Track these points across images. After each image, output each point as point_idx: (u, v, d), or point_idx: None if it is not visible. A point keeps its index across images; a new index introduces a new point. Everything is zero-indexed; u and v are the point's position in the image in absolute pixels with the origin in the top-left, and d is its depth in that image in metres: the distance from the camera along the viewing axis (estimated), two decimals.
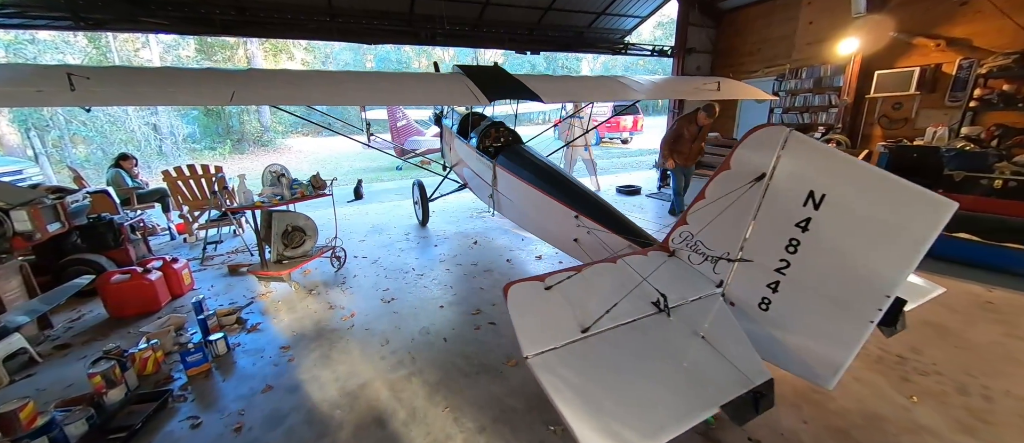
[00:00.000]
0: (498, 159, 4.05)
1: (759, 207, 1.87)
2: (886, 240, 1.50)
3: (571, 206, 3.13)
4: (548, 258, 4.31)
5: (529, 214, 3.65)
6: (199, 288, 3.87)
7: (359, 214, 6.50)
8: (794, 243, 1.76)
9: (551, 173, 3.51)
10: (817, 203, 1.67)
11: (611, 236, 2.85)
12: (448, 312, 3.23)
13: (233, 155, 15.49)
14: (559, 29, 9.03)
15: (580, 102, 5.30)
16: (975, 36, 5.43)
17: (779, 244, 1.81)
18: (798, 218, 1.72)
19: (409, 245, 4.90)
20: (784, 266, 1.83)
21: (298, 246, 3.88)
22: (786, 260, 1.81)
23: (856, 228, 1.57)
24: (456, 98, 3.76)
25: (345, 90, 3.45)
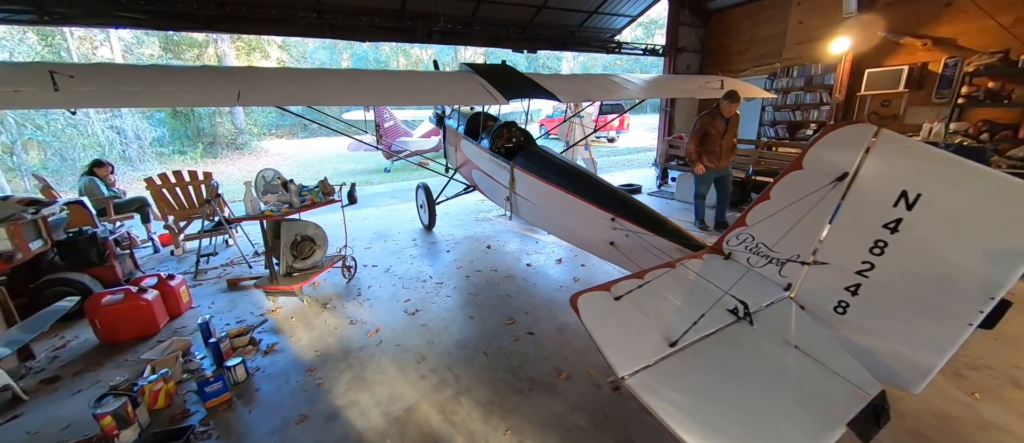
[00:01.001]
0: (515, 160, 3.90)
1: (838, 208, 1.81)
2: (992, 240, 1.45)
3: (606, 208, 3.02)
4: (568, 261, 4.19)
5: (556, 217, 3.52)
6: (199, 306, 3.54)
7: (358, 219, 6.21)
8: (880, 245, 1.70)
9: (579, 174, 3.39)
10: (910, 203, 1.60)
11: (655, 239, 2.75)
12: (480, 323, 3.06)
13: (205, 159, 14.65)
14: (551, 28, 8.96)
15: (593, 101, 5.14)
16: (960, 36, 5.67)
17: (862, 246, 1.74)
18: (887, 219, 1.65)
19: (419, 251, 4.68)
20: (867, 269, 1.76)
21: (308, 257, 3.61)
22: (870, 263, 1.74)
23: (956, 228, 1.52)
24: (472, 98, 3.60)
25: (358, 89, 3.24)
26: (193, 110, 15.55)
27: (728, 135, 4.74)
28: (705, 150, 4.83)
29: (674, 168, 7.01)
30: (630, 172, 9.75)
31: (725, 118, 4.68)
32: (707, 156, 4.84)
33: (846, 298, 1.86)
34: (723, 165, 4.88)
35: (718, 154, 4.79)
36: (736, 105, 4.56)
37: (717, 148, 4.76)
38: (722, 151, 4.78)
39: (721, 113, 4.66)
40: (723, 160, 4.85)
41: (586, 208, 3.15)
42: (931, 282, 1.60)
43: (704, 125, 4.76)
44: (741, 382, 1.54)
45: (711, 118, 4.73)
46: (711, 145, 4.78)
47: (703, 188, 5.15)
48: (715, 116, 4.71)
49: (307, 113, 3.72)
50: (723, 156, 4.83)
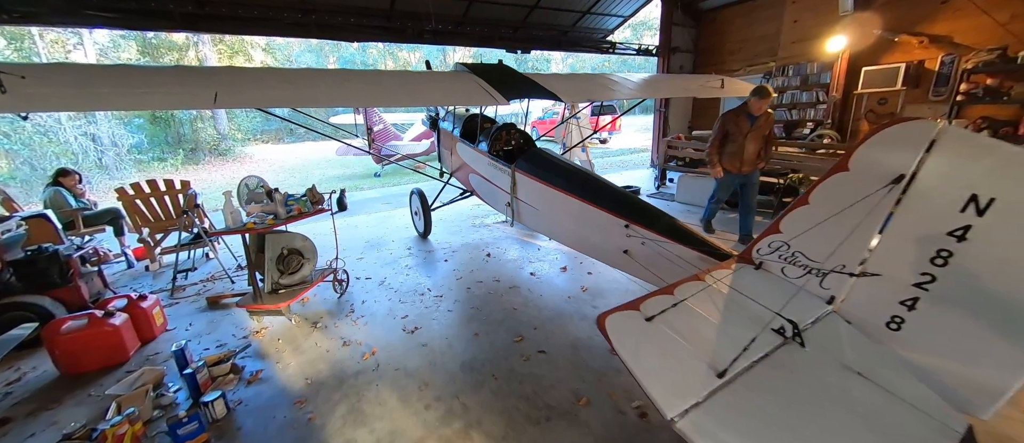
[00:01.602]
0: (517, 164, 3.68)
1: (892, 214, 1.62)
2: None
3: (619, 214, 2.82)
4: (573, 269, 3.98)
5: (563, 224, 3.30)
6: (175, 328, 3.22)
7: (348, 227, 5.90)
8: (944, 255, 1.51)
9: (587, 178, 3.18)
10: (981, 208, 1.42)
11: (675, 247, 2.55)
12: (486, 341, 2.81)
13: (186, 166, 14.10)
14: (544, 28, 8.80)
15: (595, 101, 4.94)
16: (956, 33, 5.64)
17: (921, 256, 1.55)
18: (952, 226, 1.47)
19: (415, 261, 4.41)
20: (927, 281, 1.57)
21: (296, 271, 3.32)
22: (930, 274, 1.55)
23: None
24: (470, 98, 3.39)
25: (348, 90, 3.00)
26: (173, 115, 14.99)
27: (753, 137, 4.09)
28: (725, 152, 4.28)
29: (674, 169, 6.86)
30: (626, 173, 9.61)
31: (752, 117, 4.06)
32: (727, 159, 4.27)
33: (900, 313, 1.66)
34: (746, 170, 4.25)
35: (739, 157, 4.17)
36: (766, 102, 3.95)
37: (739, 150, 4.16)
38: (747, 155, 4.14)
39: (748, 110, 4.06)
40: (748, 165, 4.22)
41: (597, 214, 2.94)
42: (1006, 295, 1.42)
43: (726, 124, 4.18)
44: (805, 420, 1.34)
45: (735, 116, 4.13)
46: (733, 146, 4.19)
47: (722, 193, 4.58)
48: (740, 114, 4.10)
49: (294, 117, 3.46)
50: (748, 161, 4.18)
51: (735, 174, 4.32)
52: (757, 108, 4.00)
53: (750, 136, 4.10)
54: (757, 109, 4.01)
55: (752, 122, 4.08)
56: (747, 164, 4.23)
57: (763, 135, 4.15)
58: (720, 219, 5.46)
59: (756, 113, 4.03)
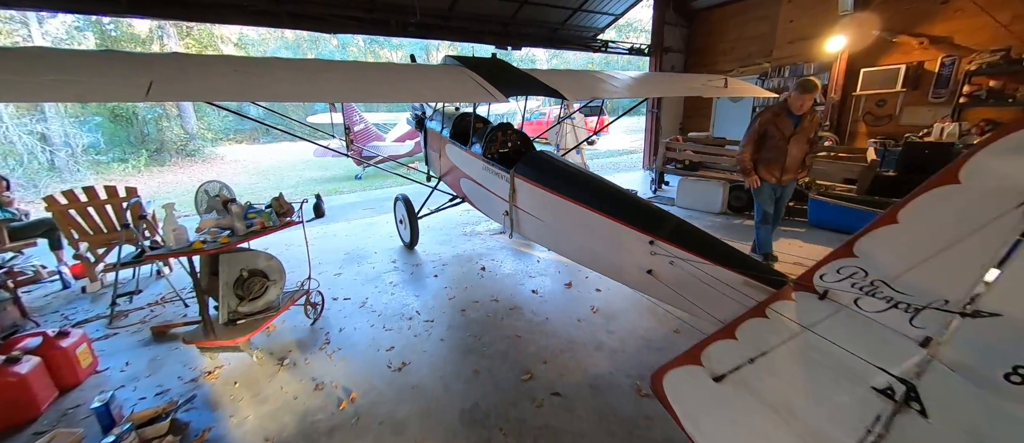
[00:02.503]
0: (516, 169, 3.23)
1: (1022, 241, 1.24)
2: None
3: (642, 228, 2.40)
4: (579, 284, 3.56)
5: (573, 238, 2.87)
6: (108, 369, 2.63)
7: (325, 237, 5.33)
8: None
9: (601, 186, 2.76)
10: None
11: (712, 268, 2.15)
12: (488, 380, 2.35)
13: (150, 168, 13.06)
14: (534, 24, 8.39)
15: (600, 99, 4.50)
16: (956, 34, 5.50)
17: None
18: None
19: (401, 277, 3.91)
20: None
21: (259, 296, 2.78)
22: None
23: None
24: (465, 94, 2.93)
25: (324, 83, 2.51)
26: (135, 112, 13.91)
27: (797, 140, 3.40)
28: (762, 158, 3.53)
29: (672, 172, 6.54)
30: (617, 176, 9.29)
31: (795, 116, 3.38)
32: (765, 166, 3.52)
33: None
34: (786, 180, 3.54)
35: (780, 164, 3.47)
36: (811, 97, 3.30)
37: (780, 156, 3.45)
38: (787, 161, 3.44)
39: (789, 109, 3.38)
40: (790, 173, 3.51)
41: (615, 228, 2.52)
42: None
43: (763, 124, 3.46)
44: None
45: (774, 115, 3.43)
46: (773, 151, 3.46)
47: (763, 203, 3.69)
48: (780, 113, 3.41)
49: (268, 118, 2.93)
50: (790, 168, 3.49)
51: (773, 184, 3.59)
52: (800, 105, 3.31)
53: (794, 139, 3.39)
54: (800, 106, 3.32)
55: (796, 122, 3.38)
56: (789, 172, 3.50)
57: (808, 138, 3.45)
58: (724, 225, 5.15)
59: (799, 111, 3.34)
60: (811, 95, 3.30)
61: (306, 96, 2.45)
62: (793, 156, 3.46)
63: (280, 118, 8.00)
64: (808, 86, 3.28)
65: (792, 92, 3.38)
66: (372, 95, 2.65)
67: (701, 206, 5.71)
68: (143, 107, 13.70)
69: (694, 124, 9.48)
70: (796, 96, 3.34)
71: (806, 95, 3.29)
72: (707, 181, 5.68)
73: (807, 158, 3.57)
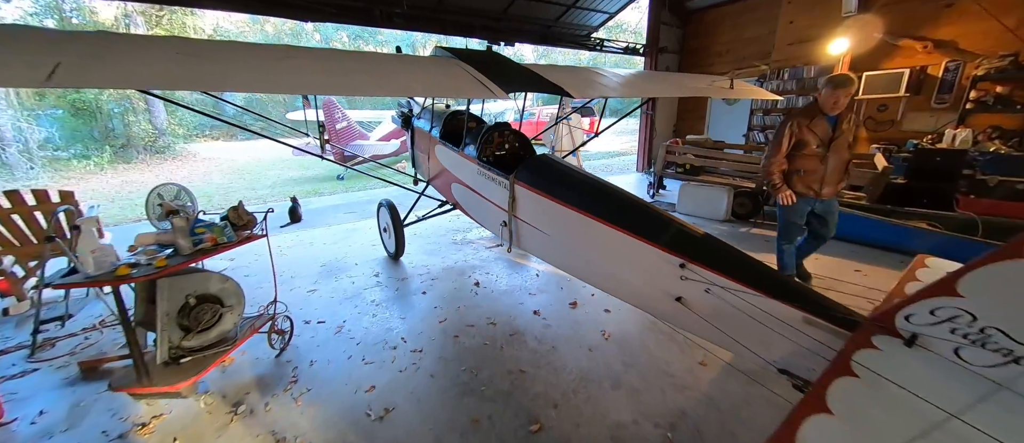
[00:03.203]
0: (517, 175, 2.81)
1: None
2: None
3: (673, 249, 2.02)
4: (585, 303, 3.17)
5: (586, 256, 2.47)
6: (17, 420, 2.09)
7: (301, 244, 4.81)
8: None
9: (620, 197, 2.36)
10: None
11: (763, 301, 1.78)
12: (490, 432, 1.93)
13: (115, 165, 12.12)
14: (526, 20, 7.98)
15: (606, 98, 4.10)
16: (961, 38, 5.33)
17: None
18: None
19: (385, 294, 3.44)
20: None
21: (210, 326, 2.29)
22: None
23: None
24: (459, 89, 2.51)
25: (287, 72, 2.06)
26: (99, 106, 12.92)
27: (837, 146, 2.84)
28: (798, 169, 2.95)
29: (672, 176, 6.23)
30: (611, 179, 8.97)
31: (830, 117, 2.83)
32: (798, 179, 2.96)
33: None
34: (827, 194, 2.97)
35: (818, 175, 2.90)
36: (846, 94, 2.74)
37: (816, 165, 2.88)
38: (826, 172, 2.88)
39: (822, 110, 2.83)
40: (828, 185, 2.94)
41: (638, 247, 2.13)
42: None
43: (794, 129, 2.90)
44: None
45: (806, 118, 2.86)
46: (809, 161, 2.90)
47: (793, 221, 3.10)
48: (813, 115, 2.85)
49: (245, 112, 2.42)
50: (829, 179, 2.92)
51: (809, 199, 3.01)
52: (833, 103, 2.75)
53: (834, 146, 2.83)
54: (833, 105, 2.75)
55: (833, 125, 2.83)
56: (829, 184, 2.92)
57: (848, 143, 2.90)
58: (730, 234, 4.84)
59: (833, 110, 2.79)
60: (845, 91, 2.72)
61: (267, 86, 1.97)
62: (833, 165, 2.88)
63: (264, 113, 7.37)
64: (841, 81, 2.73)
65: (822, 89, 2.82)
66: (349, 87, 2.19)
67: (704, 213, 5.41)
68: (108, 99, 12.75)
69: (688, 126, 9.23)
70: (828, 93, 2.76)
71: (839, 91, 2.72)
72: (710, 187, 5.38)
73: (849, 166, 3.01)
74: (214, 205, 7.58)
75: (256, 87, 1.91)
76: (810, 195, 2.97)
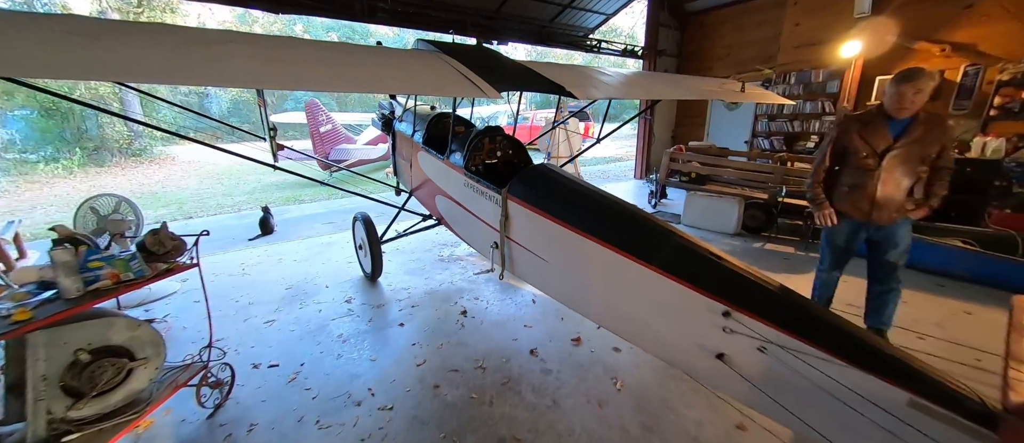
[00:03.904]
0: (510, 188, 2.32)
1: None
2: None
3: (713, 291, 1.54)
4: (589, 338, 2.67)
5: (598, 293, 1.97)
6: None
7: (268, 260, 4.24)
8: None
9: (641, 221, 1.87)
10: None
11: (841, 370, 1.31)
12: None
13: (87, 169, 11.37)
14: (520, 19, 7.53)
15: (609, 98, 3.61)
16: (981, 41, 4.97)
17: None
18: None
19: (355, 326, 2.90)
20: None
21: (113, 387, 1.75)
22: None
23: None
24: (443, 86, 2.04)
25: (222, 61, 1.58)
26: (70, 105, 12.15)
27: (900, 158, 2.18)
28: (841, 184, 2.40)
29: (676, 185, 5.78)
30: (607, 186, 8.53)
31: (895, 122, 2.19)
32: (842, 196, 2.39)
33: None
34: (879, 218, 2.30)
35: (866, 193, 2.28)
36: (914, 90, 2.08)
37: (866, 181, 2.27)
38: (878, 189, 2.24)
39: (886, 112, 2.22)
40: (881, 208, 2.27)
41: (666, 286, 1.65)
42: None
43: (841, 136, 2.36)
44: None
45: (860, 122, 2.29)
46: (855, 174, 2.31)
47: (836, 244, 2.54)
48: (871, 119, 2.26)
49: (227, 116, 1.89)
50: (882, 200, 2.25)
51: (860, 222, 2.38)
52: (898, 103, 2.12)
53: (892, 157, 2.18)
54: (899, 105, 2.12)
55: (897, 132, 2.18)
56: (883, 207, 2.26)
57: (922, 156, 2.18)
58: (743, 250, 4.39)
59: (901, 114, 2.14)
60: (913, 87, 2.06)
61: (183, 76, 1.47)
62: (891, 182, 2.21)
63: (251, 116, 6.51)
64: (906, 75, 2.09)
65: (890, 85, 2.17)
66: (296, 79, 1.68)
67: (712, 226, 4.96)
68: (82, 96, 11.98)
69: (686, 131, 8.83)
70: (891, 91, 2.13)
71: (905, 86, 2.07)
72: (719, 198, 4.93)
73: (925, 188, 2.26)
74: (185, 212, 6.96)
75: (167, 76, 1.42)
76: (857, 217, 2.37)
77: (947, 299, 3.22)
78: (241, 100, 20.18)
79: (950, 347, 2.37)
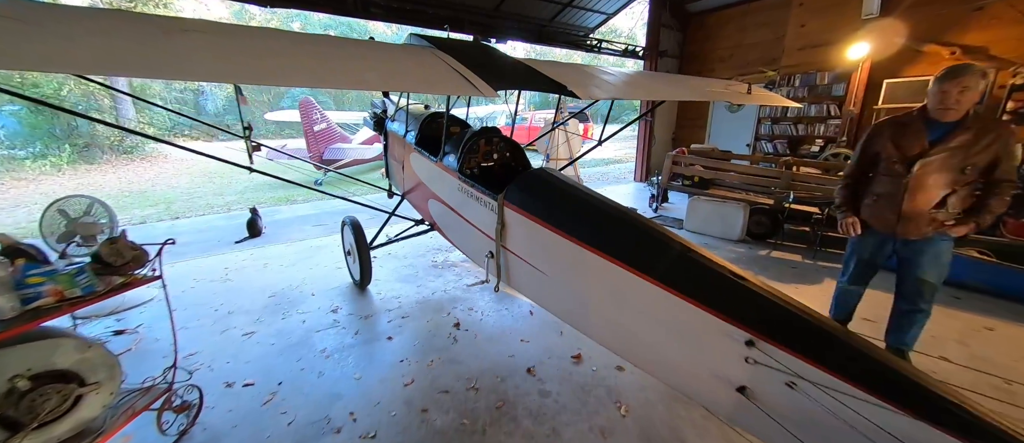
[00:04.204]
0: (507, 194, 2.13)
1: None
2: None
3: (735, 317, 1.36)
4: (590, 355, 2.48)
5: (603, 313, 1.78)
6: None
7: (252, 267, 4.03)
8: None
9: (656, 236, 1.67)
10: None
11: (888, 413, 1.13)
12: None
13: (76, 166, 11.10)
14: (519, 17, 7.35)
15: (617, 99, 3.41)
16: (993, 44, 4.82)
17: None
18: None
19: (340, 340, 2.70)
20: None
21: (62, 414, 1.55)
22: None
23: None
24: (434, 84, 1.84)
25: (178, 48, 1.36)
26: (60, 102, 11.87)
27: (935, 166, 1.95)
28: (871, 192, 2.18)
29: (678, 189, 5.60)
30: (606, 188, 8.35)
31: (937, 126, 1.97)
32: (868, 205, 2.20)
33: None
34: (908, 231, 2.07)
35: (895, 203, 2.06)
36: (957, 88, 1.85)
37: (897, 190, 2.05)
38: (909, 198, 2.02)
39: (929, 114, 1.99)
40: (910, 220, 2.05)
41: (681, 307, 1.47)
42: None
43: (873, 140, 2.16)
44: None
45: (896, 126, 2.10)
46: (884, 182, 2.11)
47: (859, 255, 2.34)
48: (909, 121, 2.05)
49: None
50: (911, 212, 2.04)
51: (886, 235, 2.17)
52: (941, 102, 1.90)
53: (925, 165, 1.95)
54: (942, 105, 1.89)
55: (937, 136, 1.95)
56: (911, 220, 2.04)
57: (964, 165, 1.92)
58: (748, 258, 4.22)
59: (945, 116, 1.91)
60: (957, 84, 1.84)
61: (129, 67, 1.26)
62: (918, 193, 1.98)
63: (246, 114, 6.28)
64: (956, 71, 1.87)
65: (933, 84, 1.95)
66: (261, 74, 1.47)
67: (715, 231, 4.78)
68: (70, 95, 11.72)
69: (687, 133, 8.67)
70: (936, 89, 1.91)
71: (948, 84, 1.86)
72: (724, 203, 4.76)
73: (958, 199, 1.98)
74: (173, 212, 6.73)
75: (107, 67, 1.21)
76: (883, 229, 2.16)
77: (965, 313, 3.06)
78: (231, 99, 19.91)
79: (978, 377, 2.18)
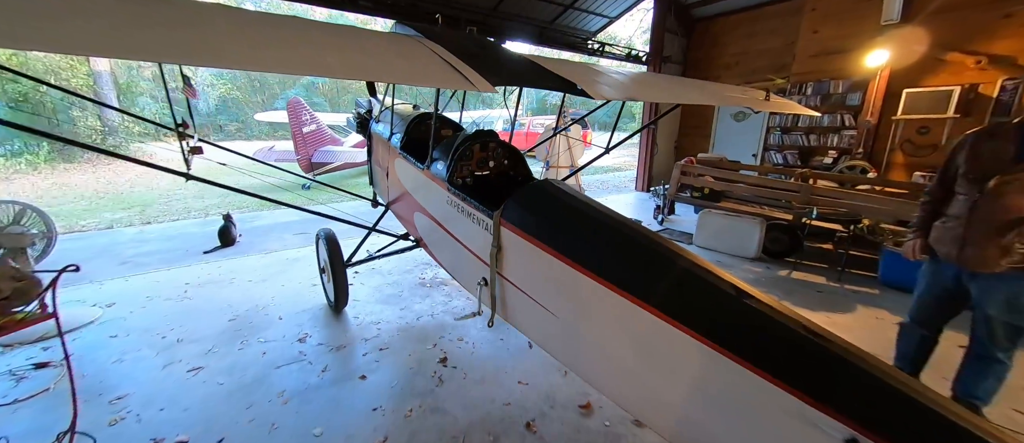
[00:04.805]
0: (504, 211, 1.72)
1: None
2: None
3: (831, 404, 0.94)
4: (600, 407, 2.06)
5: (636, 375, 1.35)
6: None
7: (217, 282, 3.57)
8: None
9: (706, 277, 1.26)
10: None
11: None
12: None
13: (54, 165, 10.57)
14: (519, 18, 7.00)
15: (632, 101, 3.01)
16: (1021, 53, 4.51)
17: None
18: None
19: (303, 380, 2.26)
20: None
21: None
22: None
23: None
24: (420, 75, 1.40)
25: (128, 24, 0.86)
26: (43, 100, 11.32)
27: (1011, 187, 1.62)
28: (946, 215, 1.86)
29: (686, 201, 5.22)
30: (607, 198, 7.96)
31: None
32: (937, 228, 1.89)
33: None
34: (971, 262, 1.74)
35: (957, 226, 1.78)
36: None
37: (963, 211, 1.76)
38: (987, 223, 1.68)
39: (1016, 128, 1.67)
40: (975, 245, 1.72)
41: (750, 382, 1.05)
42: None
43: (955, 154, 1.87)
44: None
45: (982, 138, 1.79)
46: (957, 202, 1.80)
47: (927, 288, 1.98)
48: (998, 135, 1.73)
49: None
50: (979, 235, 1.71)
51: (951, 265, 1.83)
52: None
53: (1004, 184, 1.62)
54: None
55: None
56: (975, 247, 1.71)
57: None
58: (766, 278, 3.82)
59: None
60: None
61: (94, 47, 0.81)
62: (989, 217, 1.65)
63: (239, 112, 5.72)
64: None
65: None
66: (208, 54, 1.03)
67: (728, 248, 4.39)
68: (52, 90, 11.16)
69: (690, 142, 8.33)
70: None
71: None
72: (738, 217, 4.37)
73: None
74: (145, 216, 6.24)
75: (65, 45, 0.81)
76: (949, 259, 1.80)
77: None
78: (230, 97, 19.38)
79: None
